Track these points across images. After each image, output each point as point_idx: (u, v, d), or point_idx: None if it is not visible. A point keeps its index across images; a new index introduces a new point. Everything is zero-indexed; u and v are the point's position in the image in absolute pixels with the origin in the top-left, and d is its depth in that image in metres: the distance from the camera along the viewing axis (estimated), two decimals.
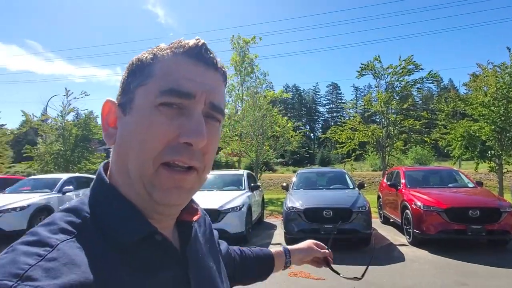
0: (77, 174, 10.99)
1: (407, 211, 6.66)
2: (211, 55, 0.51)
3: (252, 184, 8.14)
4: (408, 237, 6.68)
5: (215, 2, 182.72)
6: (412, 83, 14.79)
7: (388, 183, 8.12)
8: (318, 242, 1.03)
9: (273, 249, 0.98)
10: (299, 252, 0.98)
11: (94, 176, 0.55)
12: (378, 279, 4.69)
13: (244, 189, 7.85)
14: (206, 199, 6.95)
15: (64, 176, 9.31)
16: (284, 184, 8.43)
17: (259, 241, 7.21)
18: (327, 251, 1.02)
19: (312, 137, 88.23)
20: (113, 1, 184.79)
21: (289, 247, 0.99)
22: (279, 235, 7.49)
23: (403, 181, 7.64)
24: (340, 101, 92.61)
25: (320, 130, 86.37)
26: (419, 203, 6.32)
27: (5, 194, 8.29)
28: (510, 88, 10.40)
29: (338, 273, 0.98)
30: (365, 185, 9.27)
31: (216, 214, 6.43)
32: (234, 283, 0.83)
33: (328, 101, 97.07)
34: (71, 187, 8.51)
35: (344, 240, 6.30)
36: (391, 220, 8.35)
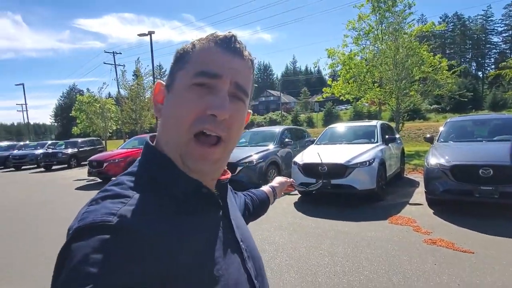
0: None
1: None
2: (238, 45, 0.60)
3: (387, 136, 7.20)
4: None
5: None
6: None
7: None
8: (283, 178, 1.39)
9: (264, 188, 1.25)
10: (279, 187, 1.31)
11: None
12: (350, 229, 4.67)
13: (377, 142, 7.04)
14: (332, 154, 6.59)
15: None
16: (428, 136, 7.07)
17: (395, 199, 6.46)
18: (289, 179, 1.40)
19: (480, 75, 72.33)
20: None
21: (273, 185, 1.30)
22: (420, 194, 6.50)
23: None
24: None
25: (493, 66, 69.71)
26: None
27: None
28: None
29: (306, 188, 1.42)
30: None
31: (342, 170, 6.06)
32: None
33: (505, 27, 75.90)
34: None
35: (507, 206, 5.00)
36: None
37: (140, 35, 20.11)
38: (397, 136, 8.76)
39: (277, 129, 9.42)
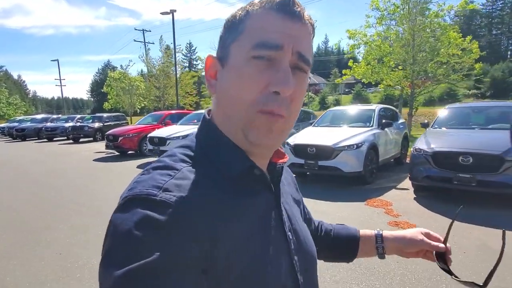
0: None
1: None
2: (298, 8, 0.53)
3: (384, 121, 7.17)
4: None
5: None
6: None
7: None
8: (431, 233, 0.85)
9: (363, 231, 0.90)
10: (397, 241, 0.85)
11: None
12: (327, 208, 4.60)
13: (372, 126, 7.05)
14: (324, 136, 6.71)
15: None
16: (425, 121, 6.98)
17: (384, 183, 6.53)
18: (441, 245, 0.81)
19: None
20: None
21: (386, 232, 0.87)
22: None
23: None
24: None
25: None
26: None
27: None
28: None
29: (453, 275, 0.76)
30: None
31: (330, 152, 6.19)
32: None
33: None
34: None
35: (489, 195, 4.97)
36: None
37: (162, 13, 20.48)
38: (401, 121, 8.64)
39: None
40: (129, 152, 11.78)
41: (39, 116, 25.66)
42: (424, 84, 13.28)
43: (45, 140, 20.44)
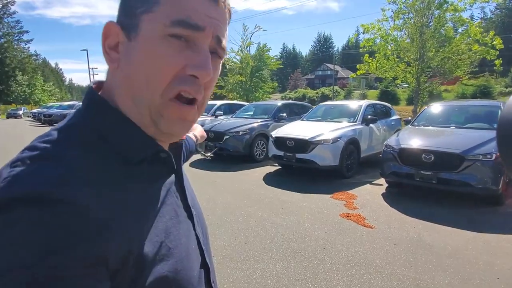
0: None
1: None
2: None
3: (369, 117, 7.23)
4: None
5: None
6: None
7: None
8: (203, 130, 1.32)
9: (192, 136, 1.18)
10: (200, 140, 1.26)
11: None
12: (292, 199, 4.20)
13: (356, 122, 7.14)
14: (303, 129, 6.91)
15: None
16: (409, 118, 6.98)
17: (361, 178, 6.64)
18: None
19: None
20: None
21: (196, 133, 1.22)
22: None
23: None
24: None
25: None
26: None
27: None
28: None
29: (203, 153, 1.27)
30: None
31: (307, 145, 6.40)
32: None
33: None
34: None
35: (451, 193, 5.03)
36: None
37: None
38: (394, 117, 8.61)
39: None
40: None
41: (65, 103, 27.29)
42: (431, 80, 12.95)
43: None
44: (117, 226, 0.41)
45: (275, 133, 7.08)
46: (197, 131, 1.22)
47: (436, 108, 6.68)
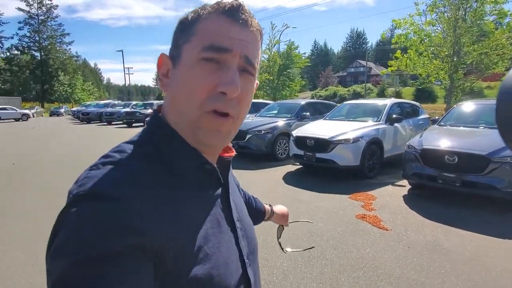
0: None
1: None
2: (247, 15, 0.57)
3: (394, 116, 7.03)
4: None
5: None
6: None
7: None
8: (285, 209, 1.26)
9: (266, 204, 1.17)
10: (277, 217, 1.21)
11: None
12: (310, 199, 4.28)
13: (380, 121, 6.97)
14: (324, 129, 6.84)
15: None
16: (437, 117, 6.71)
17: (384, 178, 6.49)
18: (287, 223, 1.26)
19: None
20: None
21: (274, 208, 1.19)
22: None
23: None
24: None
25: None
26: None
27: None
28: None
29: (281, 247, 1.22)
30: None
31: (327, 144, 6.35)
32: None
33: None
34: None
35: (476, 196, 4.80)
36: None
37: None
38: (422, 116, 8.30)
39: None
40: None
41: (102, 102, 28.73)
42: (466, 78, 12.30)
43: (105, 123, 22.94)
44: (158, 224, 0.48)
45: (295, 132, 7.08)
46: (277, 207, 1.21)
47: (466, 107, 6.38)
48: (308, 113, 9.04)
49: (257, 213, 1.09)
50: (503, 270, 3.06)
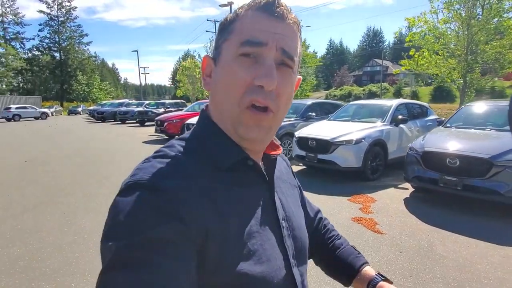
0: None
1: None
2: (282, 8, 0.57)
3: (400, 117, 6.88)
4: None
5: None
6: None
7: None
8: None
9: (368, 269, 0.82)
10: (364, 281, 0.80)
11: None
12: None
13: (384, 122, 6.84)
14: (327, 130, 6.77)
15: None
16: (443, 119, 6.52)
17: (387, 180, 6.37)
18: None
19: None
20: None
21: (382, 283, 0.77)
22: None
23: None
24: None
25: None
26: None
27: None
28: None
29: None
30: None
31: (327, 145, 6.28)
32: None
33: None
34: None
35: (479, 201, 4.65)
36: None
37: (221, 5, 21.33)
38: (431, 117, 8.09)
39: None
40: (175, 136, 12.98)
41: (116, 101, 29.34)
42: (481, 78, 11.92)
43: (119, 122, 23.41)
44: (201, 214, 0.50)
45: (298, 133, 7.03)
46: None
47: (474, 107, 6.19)
48: (313, 114, 8.96)
49: (341, 266, 0.85)
50: (496, 278, 2.95)
